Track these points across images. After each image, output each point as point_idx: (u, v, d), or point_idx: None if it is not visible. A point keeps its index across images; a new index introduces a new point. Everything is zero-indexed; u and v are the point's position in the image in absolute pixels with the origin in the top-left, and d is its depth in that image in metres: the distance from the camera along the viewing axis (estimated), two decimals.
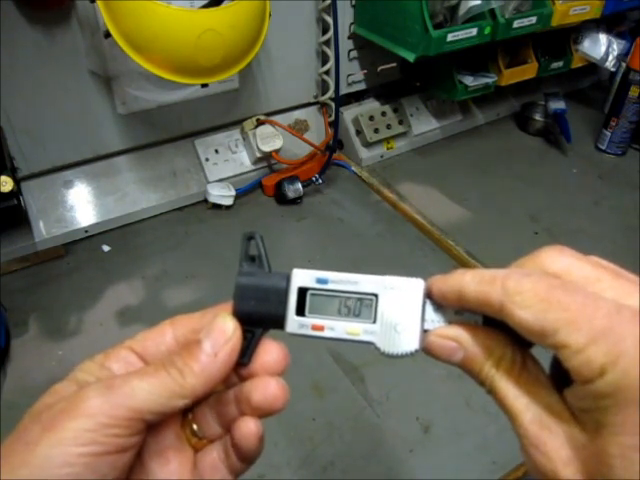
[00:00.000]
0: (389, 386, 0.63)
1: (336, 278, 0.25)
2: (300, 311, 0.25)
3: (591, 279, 0.20)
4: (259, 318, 0.25)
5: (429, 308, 0.24)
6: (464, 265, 0.81)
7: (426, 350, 0.24)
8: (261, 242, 0.26)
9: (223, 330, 0.24)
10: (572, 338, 0.18)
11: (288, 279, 0.25)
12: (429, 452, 0.57)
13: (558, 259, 0.21)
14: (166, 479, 0.26)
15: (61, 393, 0.24)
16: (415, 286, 0.24)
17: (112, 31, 0.65)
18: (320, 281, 0.25)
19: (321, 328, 0.25)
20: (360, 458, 0.56)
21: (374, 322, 0.24)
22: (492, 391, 0.22)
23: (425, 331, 0.24)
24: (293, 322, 0.25)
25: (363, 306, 0.25)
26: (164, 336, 0.27)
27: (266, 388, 0.25)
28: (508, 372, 0.22)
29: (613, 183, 1.01)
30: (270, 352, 0.26)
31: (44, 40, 0.72)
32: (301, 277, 0.25)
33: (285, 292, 0.25)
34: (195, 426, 0.27)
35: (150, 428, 0.24)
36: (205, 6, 0.68)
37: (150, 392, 0.23)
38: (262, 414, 0.25)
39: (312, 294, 0.25)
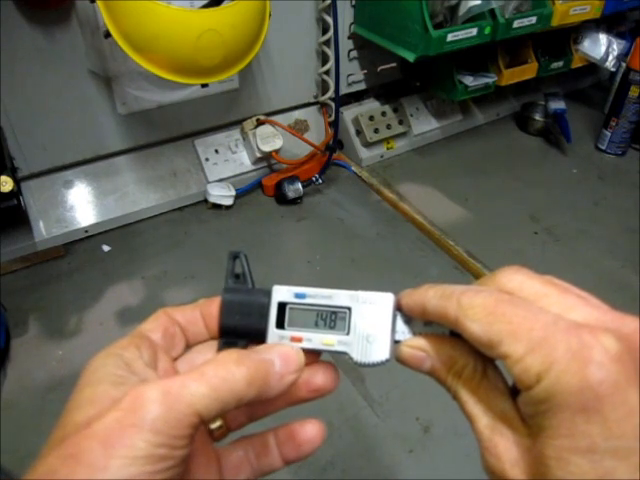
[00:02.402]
0: (389, 386, 0.63)
1: (313, 293, 0.27)
2: (280, 324, 0.27)
3: (540, 295, 0.22)
4: (243, 331, 0.27)
5: (400, 320, 0.26)
6: (464, 265, 0.81)
7: (398, 359, 0.26)
8: (245, 261, 0.28)
9: (295, 361, 0.25)
10: (512, 348, 0.20)
11: (269, 295, 0.27)
12: (429, 452, 0.57)
13: (513, 277, 0.23)
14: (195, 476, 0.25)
15: (101, 400, 0.22)
16: (385, 300, 0.26)
17: (112, 31, 0.65)
18: (298, 296, 0.27)
19: (299, 340, 0.26)
20: (360, 458, 0.56)
21: (348, 334, 0.26)
22: (455, 397, 0.24)
23: (396, 342, 0.26)
24: (273, 335, 0.27)
25: (338, 319, 0.26)
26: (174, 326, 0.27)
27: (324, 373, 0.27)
28: (469, 380, 0.23)
29: (613, 183, 1.01)
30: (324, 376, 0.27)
31: (44, 40, 0.72)
32: (281, 292, 0.27)
33: (266, 307, 0.27)
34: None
35: None
36: (205, 6, 0.69)
37: (209, 396, 0.21)
38: (314, 398, 0.27)
39: (291, 308, 0.27)
